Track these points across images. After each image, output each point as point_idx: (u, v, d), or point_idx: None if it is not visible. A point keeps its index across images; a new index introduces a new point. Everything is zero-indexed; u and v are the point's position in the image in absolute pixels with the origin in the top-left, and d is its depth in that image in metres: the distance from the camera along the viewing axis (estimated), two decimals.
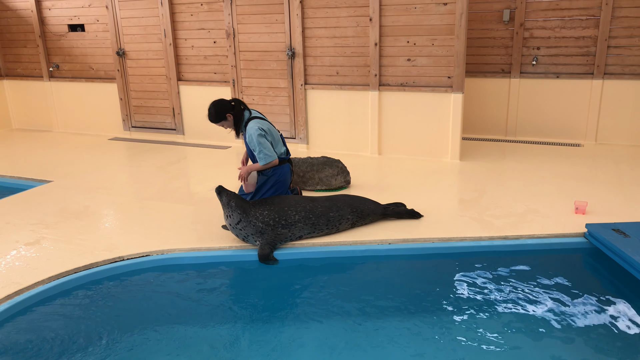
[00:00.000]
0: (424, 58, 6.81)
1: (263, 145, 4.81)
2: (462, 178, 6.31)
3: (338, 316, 3.66)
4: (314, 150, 7.62)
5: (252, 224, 4.42)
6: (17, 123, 9.85)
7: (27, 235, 4.87)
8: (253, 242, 4.52)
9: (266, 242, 4.42)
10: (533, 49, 7.70)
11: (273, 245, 4.44)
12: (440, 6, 6.56)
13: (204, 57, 8.01)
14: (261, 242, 4.44)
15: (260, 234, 4.44)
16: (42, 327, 3.58)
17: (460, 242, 4.58)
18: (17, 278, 4.06)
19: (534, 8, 7.55)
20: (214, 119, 4.85)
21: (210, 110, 4.85)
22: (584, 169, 6.45)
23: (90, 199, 5.81)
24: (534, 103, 7.89)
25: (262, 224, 4.43)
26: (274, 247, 4.45)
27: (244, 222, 4.44)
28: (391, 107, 7.12)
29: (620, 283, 4.02)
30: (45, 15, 8.93)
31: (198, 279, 4.18)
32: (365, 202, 4.92)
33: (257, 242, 4.47)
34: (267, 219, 4.45)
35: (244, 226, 4.45)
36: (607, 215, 4.95)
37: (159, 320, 3.65)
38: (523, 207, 5.24)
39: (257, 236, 4.45)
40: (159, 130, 8.67)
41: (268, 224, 4.44)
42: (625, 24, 7.21)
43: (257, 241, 4.47)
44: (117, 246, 4.58)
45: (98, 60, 8.81)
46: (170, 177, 6.60)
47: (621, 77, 7.37)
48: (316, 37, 7.24)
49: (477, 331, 3.44)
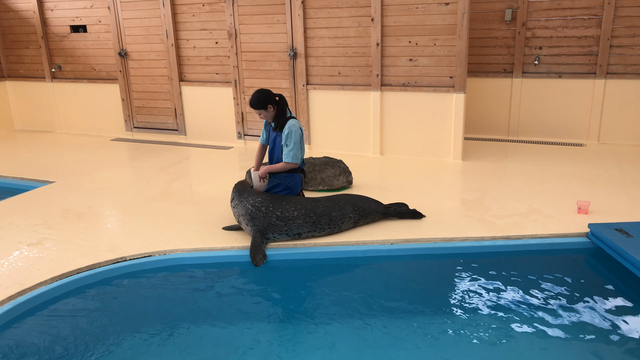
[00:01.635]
0: (425, 58, 6.81)
1: (297, 145, 4.84)
2: (464, 178, 6.30)
3: (340, 316, 3.65)
4: (316, 150, 7.62)
5: (243, 205, 4.62)
6: (19, 124, 9.87)
7: (30, 236, 4.88)
8: (245, 226, 4.61)
9: (257, 229, 4.50)
10: (535, 49, 7.69)
11: (264, 234, 4.48)
12: (442, 6, 6.55)
13: (206, 57, 8.02)
14: (252, 229, 4.53)
15: (251, 217, 4.54)
16: (45, 327, 3.59)
17: (462, 242, 4.57)
18: (19, 279, 4.07)
19: (536, 8, 7.54)
20: (257, 104, 4.83)
21: (256, 95, 4.82)
22: (587, 169, 6.43)
23: (92, 200, 5.82)
24: (536, 103, 7.87)
25: (251, 207, 4.55)
26: (265, 237, 4.49)
27: (237, 200, 4.72)
28: (393, 107, 7.11)
29: (623, 283, 4.01)
30: (47, 16, 8.95)
31: (201, 280, 4.18)
32: (367, 200, 4.92)
33: (249, 226, 4.56)
34: (258, 204, 4.54)
35: (235, 204, 4.73)
36: (609, 215, 4.94)
37: (162, 320, 3.65)
38: (525, 207, 5.23)
39: (247, 219, 4.57)
40: (161, 131, 8.68)
41: (259, 209, 4.52)
42: (627, 24, 7.19)
43: (249, 225, 4.56)
44: (120, 247, 4.58)
45: (100, 61, 8.83)
46: (173, 177, 6.61)
47: (624, 76, 7.35)
48: (318, 37, 7.24)
49: (480, 331, 3.44)
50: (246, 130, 8.10)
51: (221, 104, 8.10)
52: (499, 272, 4.17)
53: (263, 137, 5.19)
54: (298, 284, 4.16)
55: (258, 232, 4.50)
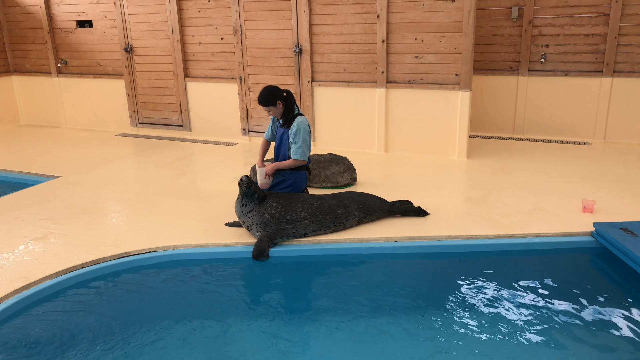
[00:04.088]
0: (431, 55, 6.78)
1: (306, 142, 4.83)
2: (469, 176, 6.29)
3: (343, 313, 3.66)
4: (321, 147, 7.62)
5: (261, 214, 4.48)
6: (25, 119, 9.91)
7: (35, 231, 4.90)
8: (254, 233, 4.55)
9: (266, 235, 4.44)
10: (542, 47, 7.65)
11: (272, 239, 4.45)
12: (448, 3, 6.52)
13: (211, 53, 8.02)
14: (261, 234, 4.46)
15: (264, 225, 4.47)
16: (50, 321, 3.61)
17: (466, 240, 4.57)
18: (25, 272, 4.09)
19: (542, 5, 7.49)
20: (266, 101, 4.83)
21: (265, 92, 4.82)
22: (592, 168, 6.41)
23: (97, 195, 5.84)
24: (542, 101, 7.84)
25: (268, 215, 4.47)
26: (272, 242, 4.46)
27: (255, 211, 4.51)
28: (398, 104, 7.10)
29: (628, 283, 3.99)
30: (53, 11, 8.97)
31: (205, 275, 4.19)
32: (372, 198, 4.92)
33: (258, 232, 4.50)
34: (273, 212, 4.48)
35: (253, 215, 4.52)
36: (615, 214, 4.91)
37: (165, 315, 3.66)
38: (530, 205, 5.22)
39: (260, 227, 4.49)
40: (166, 126, 8.69)
41: (273, 216, 4.47)
42: (635, 22, 7.14)
43: (258, 232, 4.50)
44: (124, 242, 4.60)
45: (106, 57, 8.84)
46: (177, 173, 6.62)
47: (631, 75, 7.31)
48: (323, 33, 7.23)
49: (484, 329, 3.43)
50: (251, 127, 8.10)
51: (226, 100, 8.11)
52: (503, 271, 4.16)
53: (268, 133, 5.19)
54: (302, 281, 4.16)
55: (266, 237, 4.44)
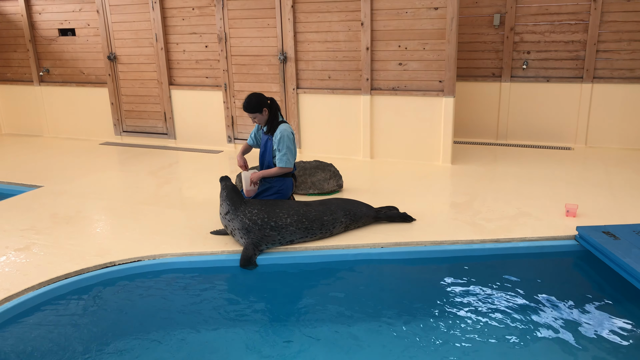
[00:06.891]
0: (415, 62, 6.85)
1: (290, 149, 4.83)
2: (453, 181, 6.33)
3: (331, 320, 3.65)
4: (306, 154, 7.62)
5: (240, 219, 4.47)
6: (7, 128, 9.78)
7: (17, 241, 4.83)
8: (239, 239, 4.53)
9: (251, 242, 4.42)
10: (523, 53, 7.77)
11: (257, 246, 4.43)
12: (431, 11, 6.60)
13: (196, 61, 8.00)
14: (246, 241, 4.44)
15: (247, 231, 4.45)
16: (32, 333, 3.55)
17: (452, 245, 4.60)
18: (6, 284, 4.02)
19: (524, 13, 7.61)
20: (251, 108, 4.83)
21: (250, 99, 4.83)
22: (575, 172, 6.50)
23: (81, 204, 5.78)
24: (525, 107, 7.94)
25: (249, 221, 4.45)
26: (258, 249, 4.44)
27: (232, 215, 4.51)
28: (383, 111, 7.14)
29: (610, 285, 4.05)
30: (35, 19, 8.88)
31: (191, 284, 4.16)
32: (358, 205, 4.93)
33: (243, 239, 4.47)
34: (254, 217, 4.46)
35: (231, 218, 4.52)
36: (597, 217, 4.98)
37: (151, 325, 3.63)
38: (514, 210, 5.27)
39: (243, 232, 4.46)
40: (150, 134, 8.64)
41: (255, 222, 4.45)
42: (613, 29, 7.28)
43: (243, 238, 4.47)
44: (109, 251, 4.55)
45: (89, 65, 8.78)
46: (162, 181, 6.58)
47: (610, 80, 7.44)
48: (308, 41, 7.26)
49: (469, 334, 3.45)
50: (236, 134, 8.09)
51: (211, 108, 8.09)
52: (489, 275, 4.19)
53: (251, 139, 5.19)
54: (289, 288, 4.15)
55: (251, 245, 4.42)
